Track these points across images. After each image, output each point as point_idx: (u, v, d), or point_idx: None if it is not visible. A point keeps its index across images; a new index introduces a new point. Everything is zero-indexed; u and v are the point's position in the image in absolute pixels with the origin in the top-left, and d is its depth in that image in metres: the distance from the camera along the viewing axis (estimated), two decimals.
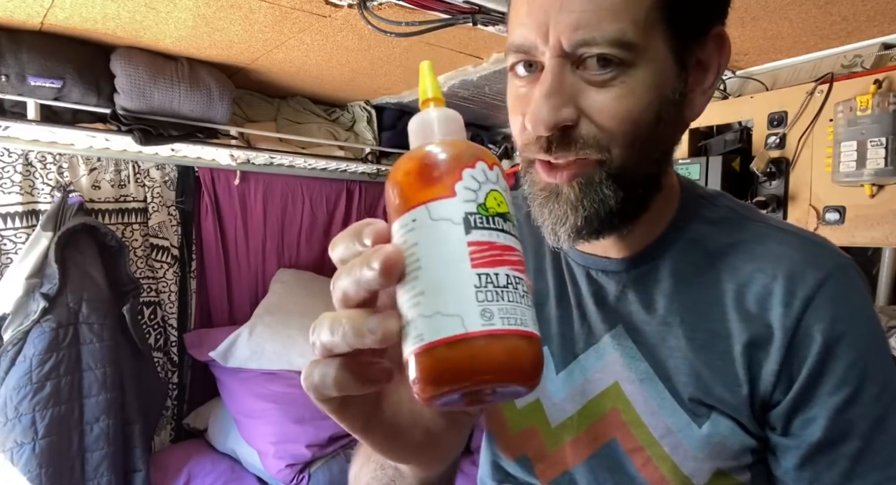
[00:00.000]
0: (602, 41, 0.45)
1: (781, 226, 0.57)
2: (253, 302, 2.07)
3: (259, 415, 1.71)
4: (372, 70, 1.72)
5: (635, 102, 0.47)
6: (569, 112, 0.47)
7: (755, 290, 0.53)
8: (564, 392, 0.61)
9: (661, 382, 0.56)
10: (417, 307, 0.29)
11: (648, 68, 0.47)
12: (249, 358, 1.81)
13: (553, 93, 0.47)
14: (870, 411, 0.50)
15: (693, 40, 0.49)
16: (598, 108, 0.48)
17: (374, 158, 2.19)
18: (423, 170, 0.31)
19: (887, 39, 1.35)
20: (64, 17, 1.36)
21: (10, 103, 1.49)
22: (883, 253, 1.51)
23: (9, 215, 1.59)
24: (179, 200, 1.92)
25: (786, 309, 0.51)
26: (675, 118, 0.51)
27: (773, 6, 1.18)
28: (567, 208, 0.51)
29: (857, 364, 0.50)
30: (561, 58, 0.47)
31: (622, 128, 0.48)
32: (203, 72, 1.65)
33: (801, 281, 0.51)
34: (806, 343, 0.50)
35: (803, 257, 0.53)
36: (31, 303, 1.48)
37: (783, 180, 1.43)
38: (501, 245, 0.30)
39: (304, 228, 2.24)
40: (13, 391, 1.41)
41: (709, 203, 0.60)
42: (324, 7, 1.25)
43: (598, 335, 0.60)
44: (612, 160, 0.49)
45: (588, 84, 0.47)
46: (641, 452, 0.57)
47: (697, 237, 0.57)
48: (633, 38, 0.45)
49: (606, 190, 0.50)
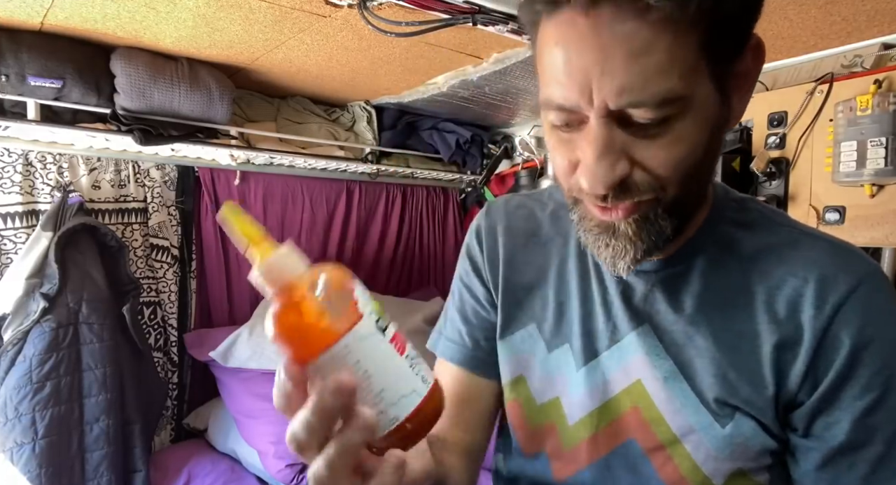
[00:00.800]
0: (651, 103, 0.44)
1: (811, 231, 0.58)
2: (253, 302, 2.07)
3: (259, 415, 1.71)
4: (372, 70, 1.72)
5: (687, 147, 0.47)
6: (622, 168, 0.47)
7: (786, 293, 0.54)
8: (585, 388, 0.62)
9: (685, 381, 0.56)
10: (382, 401, 0.38)
11: (696, 110, 0.46)
12: (249, 358, 1.80)
13: (605, 154, 0.47)
14: (894, 416, 0.51)
15: (735, 59, 0.48)
16: (650, 159, 0.48)
17: (374, 157, 2.20)
18: (326, 311, 0.37)
19: (887, 39, 1.35)
20: (64, 17, 1.36)
21: (10, 103, 1.49)
22: (883, 253, 1.51)
23: (9, 215, 1.59)
24: (179, 200, 1.92)
25: (816, 312, 0.52)
26: (718, 146, 0.51)
27: (773, 6, 1.18)
28: (626, 243, 0.52)
29: (883, 370, 0.51)
30: (606, 118, 0.46)
31: (677, 172, 0.48)
32: (203, 72, 1.65)
33: (833, 285, 0.52)
34: (834, 346, 0.51)
35: (835, 262, 0.54)
36: (31, 303, 1.48)
37: (783, 180, 1.43)
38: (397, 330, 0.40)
39: (304, 228, 2.24)
40: (13, 391, 1.41)
41: (739, 207, 0.61)
42: (324, 7, 1.25)
43: (622, 333, 0.61)
44: (668, 197, 0.49)
45: (637, 137, 0.47)
46: (661, 451, 0.58)
47: (728, 240, 0.58)
48: (681, 92, 0.44)
49: (662, 222, 0.51)
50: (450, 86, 1.81)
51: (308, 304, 0.37)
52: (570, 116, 0.48)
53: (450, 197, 2.70)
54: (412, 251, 2.57)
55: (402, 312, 2.13)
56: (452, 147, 2.31)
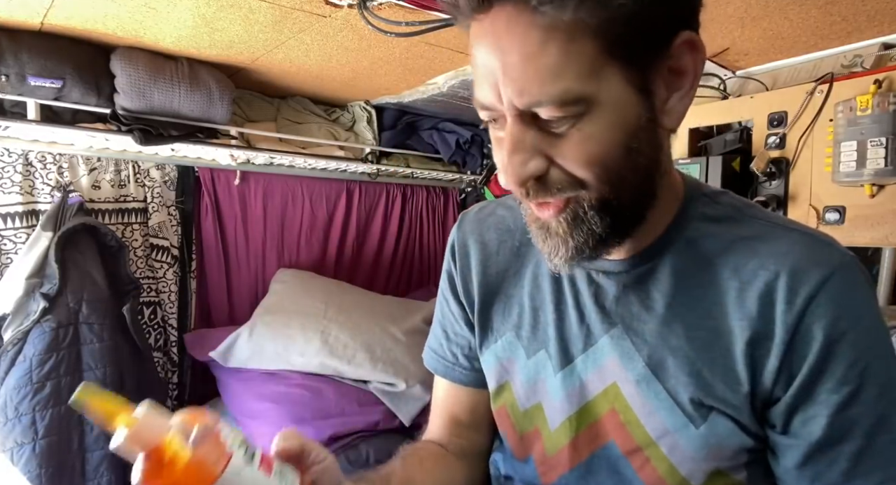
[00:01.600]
0: (548, 102, 0.45)
1: (785, 223, 0.57)
2: (253, 302, 2.07)
3: (259, 415, 1.71)
4: (372, 70, 1.72)
5: (597, 145, 0.48)
6: (536, 164, 0.49)
7: (757, 287, 0.53)
8: (563, 393, 0.62)
9: (658, 382, 0.56)
10: None
11: (605, 110, 0.47)
12: (249, 358, 1.80)
13: (516, 150, 0.49)
14: (871, 410, 0.50)
15: (656, 58, 0.48)
16: (563, 157, 0.49)
17: (374, 157, 2.19)
18: (198, 461, 0.40)
19: (887, 39, 1.35)
20: (64, 17, 1.36)
21: (10, 103, 1.49)
22: (883, 253, 1.51)
23: (9, 215, 1.59)
24: (179, 200, 1.92)
25: (788, 306, 0.51)
26: (651, 136, 0.51)
27: (773, 6, 1.18)
28: (558, 241, 0.53)
29: (858, 363, 0.50)
30: (518, 117, 0.48)
31: (591, 170, 0.49)
32: (203, 72, 1.65)
33: (805, 278, 0.51)
34: (807, 341, 0.50)
35: (807, 255, 0.53)
36: (31, 303, 1.48)
37: (783, 180, 1.42)
38: (261, 449, 0.45)
39: (304, 228, 2.24)
40: (13, 391, 1.41)
41: (710, 201, 0.60)
42: (324, 7, 1.25)
43: (596, 336, 0.60)
44: (591, 195, 0.50)
45: (550, 135, 0.48)
46: (639, 453, 0.57)
47: (698, 235, 0.57)
48: (579, 92, 0.45)
49: (592, 221, 0.51)
50: (450, 86, 1.81)
51: (179, 460, 0.40)
52: (493, 114, 0.51)
53: (450, 197, 2.70)
54: (412, 251, 2.57)
55: (402, 313, 2.13)
56: (452, 147, 2.31)
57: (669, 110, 0.51)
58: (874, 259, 1.57)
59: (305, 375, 1.83)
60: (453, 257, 0.74)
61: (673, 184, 0.59)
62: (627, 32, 0.45)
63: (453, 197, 2.72)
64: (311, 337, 1.84)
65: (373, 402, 1.84)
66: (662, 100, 0.50)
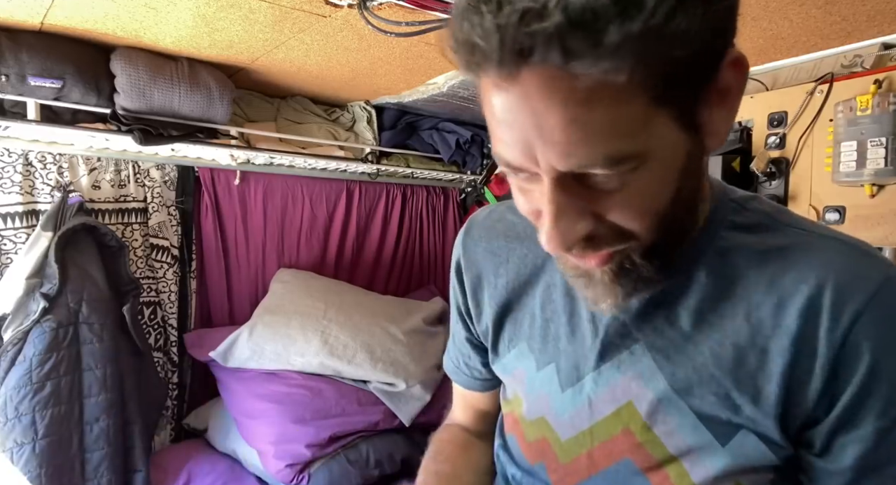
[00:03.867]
0: (599, 165, 0.41)
1: (821, 231, 0.54)
2: (253, 302, 2.07)
3: (259, 415, 1.71)
4: (372, 70, 1.72)
5: (651, 196, 0.45)
6: (584, 227, 0.45)
7: (798, 302, 0.49)
8: (572, 410, 0.60)
9: (682, 400, 0.53)
10: None
11: (657, 160, 0.43)
12: (249, 358, 1.80)
13: (562, 216, 0.43)
14: None
15: (703, 89, 0.43)
16: (612, 213, 0.45)
17: (374, 158, 2.19)
18: None
19: (887, 39, 1.35)
20: (64, 17, 1.36)
21: (10, 103, 1.49)
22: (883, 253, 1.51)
23: (9, 215, 1.59)
24: (179, 200, 1.92)
25: (833, 323, 0.48)
26: (696, 168, 0.48)
27: (773, 6, 1.18)
28: (604, 289, 0.50)
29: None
30: (559, 179, 0.43)
31: (643, 222, 0.45)
32: (203, 72, 1.65)
33: (851, 293, 0.48)
34: (853, 360, 0.47)
35: (852, 267, 0.49)
36: (31, 303, 1.48)
37: (783, 180, 1.43)
38: None
39: (304, 228, 2.24)
40: (13, 391, 1.40)
41: (740, 207, 0.56)
42: (324, 7, 1.25)
43: (613, 353, 0.57)
44: (641, 244, 0.47)
45: (597, 192, 0.44)
46: (659, 470, 0.55)
47: (729, 246, 0.54)
48: (632, 150, 0.41)
49: (640, 267, 0.48)
50: (450, 86, 1.81)
51: None
52: (522, 172, 0.46)
53: (450, 197, 2.70)
54: (412, 251, 2.57)
55: (402, 312, 2.13)
56: (452, 147, 2.31)
57: (715, 132, 0.47)
58: None
59: (305, 375, 1.83)
60: (459, 276, 0.71)
61: (705, 195, 0.55)
62: (677, 77, 0.40)
63: (453, 197, 2.71)
64: (310, 337, 1.84)
65: (373, 402, 1.84)
66: (708, 124, 0.45)
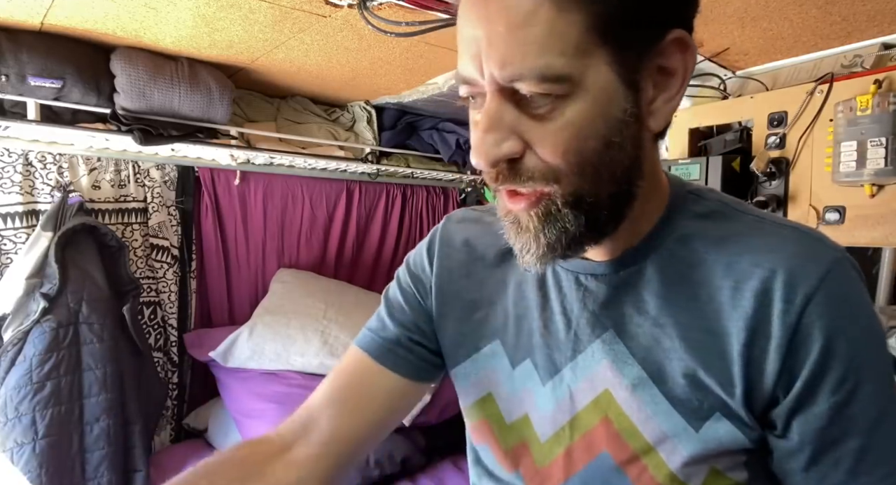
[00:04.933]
0: (530, 76, 0.44)
1: (775, 219, 0.56)
2: (253, 302, 2.07)
3: (259, 415, 1.71)
4: (372, 70, 1.72)
5: (576, 133, 0.46)
6: (510, 146, 0.47)
7: (753, 285, 0.51)
8: (553, 404, 0.60)
9: (655, 386, 0.54)
10: None
11: (589, 96, 0.45)
12: (249, 358, 1.80)
13: (492, 128, 0.46)
14: (870, 405, 0.50)
15: (646, 53, 0.47)
16: (539, 142, 0.47)
17: (374, 158, 2.20)
18: None
19: (887, 39, 1.35)
20: (64, 17, 1.36)
21: (10, 103, 1.49)
22: (883, 253, 1.51)
23: (9, 215, 1.59)
24: (179, 200, 1.92)
25: (786, 305, 0.50)
26: (634, 134, 0.49)
27: (773, 6, 1.18)
28: (529, 237, 0.51)
29: (856, 360, 0.49)
30: (499, 93, 0.46)
31: (566, 159, 0.47)
32: (203, 72, 1.65)
33: (803, 277, 0.50)
34: (808, 341, 0.49)
35: (803, 252, 0.51)
36: (31, 303, 1.48)
37: (783, 180, 1.43)
38: None
39: (304, 228, 2.24)
40: (13, 391, 1.41)
41: (697, 197, 0.58)
42: (324, 7, 1.25)
43: (586, 342, 0.58)
44: (564, 190, 0.48)
45: (529, 117, 0.46)
46: (636, 462, 0.56)
47: (688, 233, 0.56)
48: (562, 70, 0.44)
49: (566, 218, 0.49)
50: (450, 86, 1.81)
51: None
52: (473, 89, 0.49)
53: (450, 197, 2.70)
54: None
55: None
56: (452, 147, 2.31)
57: (655, 111, 0.49)
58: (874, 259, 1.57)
59: (305, 375, 1.83)
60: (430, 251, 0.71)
61: (659, 185, 0.58)
62: (620, 16, 0.44)
63: (453, 197, 2.71)
64: (310, 337, 1.84)
65: None
66: (649, 99, 0.49)
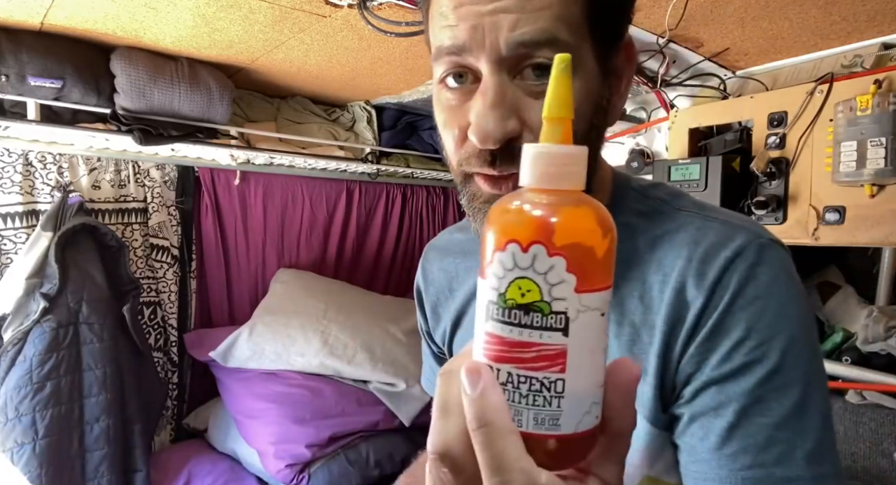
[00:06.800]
0: (543, 39, 0.44)
1: (707, 213, 0.55)
2: (253, 302, 2.07)
3: (259, 415, 1.71)
4: (372, 70, 1.72)
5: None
6: (514, 124, 0.46)
7: (674, 278, 0.51)
8: None
9: None
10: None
11: (580, 76, 0.47)
12: (249, 358, 1.81)
13: (498, 104, 0.45)
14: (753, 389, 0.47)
15: (611, 48, 0.50)
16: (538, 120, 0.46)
17: (374, 158, 2.19)
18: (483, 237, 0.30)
19: (887, 39, 1.35)
20: (64, 17, 1.36)
21: (10, 103, 1.49)
22: (883, 253, 1.51)
23: (9, 215, 1.59)
24: (179, 200, 1.92)
25: (697, 291, 0.50)
26: (602, 125, 0.51)
27: (773, 6, 1.18)
28: None
29: (754, 335, 0.48)
30: (498, 66, 0.46)
31: None
32: (203, 72, 1.65)
33: (713, 261, 0.50)
34: (712, 308, 0.49)
35: (718, 239, 0.51)
36: (31, 303, 1.48)
37: (783, 180, 1.42)
38: (512, 341, 0.29)
39: (304, 228, 2.24)
40: (13, 391, 1.41)
41: (640, 195, 0.58)
42: (324, 7, 1.25)
43: None
44: None
45: (527, 95, 0.46)
46: None
47: (627, 232, 0.56)
48: (566, 36, 0.45)
49: None
50: None
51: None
52: (459, 61, 0.47)
53: (450, 197, 2.70)
54: (412, 251, 2.57)
55: (402, 312, 2.13)
56: None
57: (611, 108, 0.52)
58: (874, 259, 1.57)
59: (305, 375, 1.83)
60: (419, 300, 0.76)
61: (605, 179, 0.58)
62: (604, 12, 0.47)
63: (453, 197, 2.71)
64: (310, 337, 1.85)
65: (373, 402, 1.84)
66: (608, 95, 0.51)
